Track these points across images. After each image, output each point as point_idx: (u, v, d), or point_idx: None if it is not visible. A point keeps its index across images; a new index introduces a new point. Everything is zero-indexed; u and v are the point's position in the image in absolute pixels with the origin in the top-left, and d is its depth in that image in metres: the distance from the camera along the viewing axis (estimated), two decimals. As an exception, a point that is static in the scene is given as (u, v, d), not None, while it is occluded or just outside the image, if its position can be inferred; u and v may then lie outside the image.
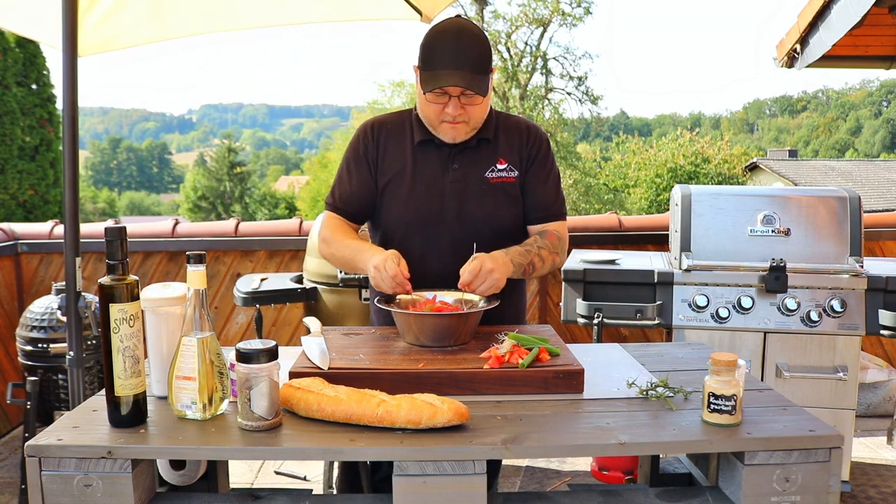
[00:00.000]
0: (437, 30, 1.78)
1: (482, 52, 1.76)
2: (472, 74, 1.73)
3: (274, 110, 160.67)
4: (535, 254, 1.84)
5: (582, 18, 24.22)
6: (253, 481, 3.07)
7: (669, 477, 1.64)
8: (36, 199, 10.03)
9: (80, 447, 1.20)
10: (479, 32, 1.79)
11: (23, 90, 9.78)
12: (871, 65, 4.13)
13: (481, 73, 1.75)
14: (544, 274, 1.94)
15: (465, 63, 1.72)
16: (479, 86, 1.74)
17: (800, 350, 2.68)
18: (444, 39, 1.75)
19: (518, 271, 1.80)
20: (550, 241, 1.89)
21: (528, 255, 1.82)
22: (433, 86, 1.73)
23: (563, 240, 1.94)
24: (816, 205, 2.73)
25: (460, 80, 1.71)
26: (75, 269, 2.33)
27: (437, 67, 1.74)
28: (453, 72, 1.72)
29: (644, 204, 23.02)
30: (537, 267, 1.85)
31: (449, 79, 1.72)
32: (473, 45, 1.74)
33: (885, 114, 58.31)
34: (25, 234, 3.87)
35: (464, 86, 1.71)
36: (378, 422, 1.25)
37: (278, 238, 3.86)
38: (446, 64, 1.73)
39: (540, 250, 1.85)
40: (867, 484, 2.96)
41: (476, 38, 1.76)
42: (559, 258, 1.93)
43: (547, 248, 1.87)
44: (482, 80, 1.75)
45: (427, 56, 1.77)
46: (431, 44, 1.76)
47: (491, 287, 1.68)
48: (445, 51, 1.73)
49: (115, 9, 2.76)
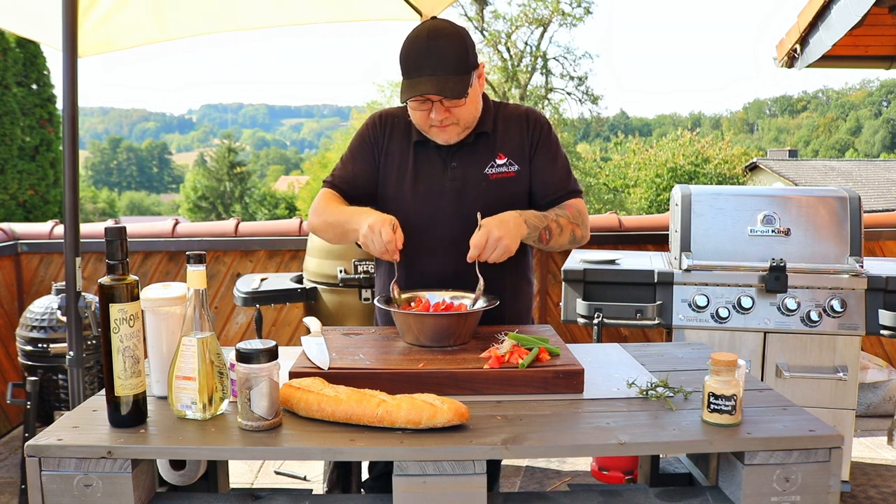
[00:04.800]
0: (411, 35, 1.74)
1: (458, 52, 1.71)
2: (447, 77, 1.69)
3: (274, 110, 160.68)
4: (552, 219, 1.78)
5: (582, 18, 24.25)
6: (253, 481, 3.07)
7: (669, 477, 1.64)
8: (36, 199, 10.02)
9: (80, 447, 1.20)
10: (455, 31, 1.73)
11: (23, 90, 9.78)
12: (871, 65, 4.13)
13: (459, 74, 1.70)
14: (565, 246, 1.86)
15: (439, 67, 1.68)
16: (455, 89, 1.69)
17: (800, 350, 2.68)
18: (417, 45, 1.71)
19: (533, 234, 1.74)
20: (569, 211, 1.84)
21: (544, 220, 1.76)
22: (408, 94, 1.70)
23: (584, 213, 1.88)
24: (816, 205, 2.73)
25: (432, 86, 1.67)
26: (75, 269, 2.34)
27: (412, 74, 1.71)
28: (427, 78, 1.68)
29: (644, 204, 23.01)
30: (554, 233, 1.79)
31: (421, 86, 1.68)
32: (448, 46, 1.70)
33: (885, 114, 58.31)
34: (25, 234, 3.87)
35: (435, 92, 1.67)
36: (378, 422, 1.25)
37: (278, 238, 3.86)
38: (420, 70, 1.69)
39: (558, 217, 1.80)
40: (867, 484, 2.96)
41: (450, 38, 1.71)
42: (580, 230, 1.86)
43: (566, 217, 1.82)
44: (459, 80, 1.70)
45: (403, 63, 1.73)
46: (406, 51, 1.73)
47: (503, 254, 1.64)
48: (419, 56, 1.70)
49: (116, 9, 2.77)
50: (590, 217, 1.95)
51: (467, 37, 1.76)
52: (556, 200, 1.88)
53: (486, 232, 1.63)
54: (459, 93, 1.70)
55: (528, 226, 1.72)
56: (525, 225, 1.71)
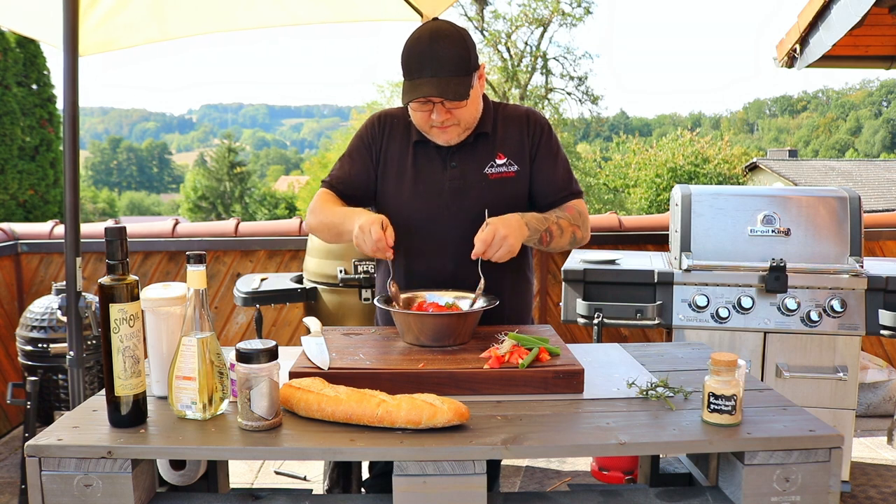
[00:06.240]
0: (413, 36, 1.74)
1: (460, 54, 1.71)
2: (449, 78, 1.69)
3: (274, 110, 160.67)
4: (553, 222, 1.80)
5: (582, 18, 24.26)
6: (253, 481, 3.07)
7: (669, 477, 1.64)
8: (36, 199, 10.03)
9: (80, 447, 1.20)
10: (456, 33, 1.74)
11: (23, 90, 9.78)
12: (871, 65, 4.13)
13: (460, 76, 1.71)
14: (565, 248, 1.89)
15: (440, 69, 1.69)
16: (457, 90, 1.69)
17: (800, 350, 2.68)
18: (419, 47, 1.71)
19: (534, 237, 1.76)
20: (570, 213, 1.85)
21: (545, 222, 1.78)
22: (410, 96, 1.71)
23: (584, 214, 1.90)
24: (816, 205, 2.73)
25: (434, 88, 1.68)
26: (75, 269, 2.34)
27: (414, 76, 1.71)
28: (429, 80, 1.69)
29: (644, 204, 23.01)
30: (555, 235, 1.80)
31: (423, 88, 1.68)
32: (449, 47, 1.70)
33: (885, 114, 58.30)
34: (25, 234, 3.87)
35: (437, 94, 1.68)
36: (378, 422, 1.25)
37: (278, 238, 3.86)
38: (422, 72, 1.69)
39: (559, 219, 1.81)
40: (867, 484, 2.96)
41: (452, 40, 1.71)
42: (580, 232, 1.88)
43: (566, 219, 1.83)
44: (461, 82, 1.70)
45: (404, 64, 1.73)
46: (408, 52, 1.73)
47: (507, 253, 1.65)
48: (420, 58, 1.70)
49: (116, 9, 2.77)
50: (590, 217, 1.96)
51: (469, 38, 1.77)
52: (557, 202, 1.89)
53: (492, 229, 1.64)
54: (461, 94, 1.70)
55: (529, 228, 1.73)
56: (526, 227, 1.72)
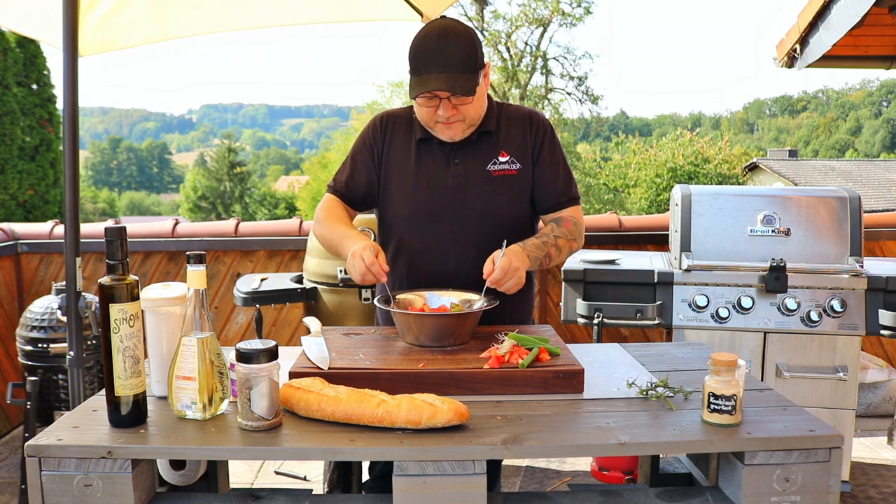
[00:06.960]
0: (421, 33, 1.77)
1: (468, 50, 1.74)
2: (457, 75, 1.72)
3: (274, 110, 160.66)
4: (551, 244, 1.83)
5: (582, 18, 24.26)
6: (253, 481, 3.07)
7: (669, 477, 1.64)
8: (36, 199, 10.02)
9: (80, 447, 1.20)
10: (464, 31, 1.77)
11: (23, 90, 9.78)
12: (871, 65, 4.13)
13: (468, 72, 1.73)
14: (562, 262, 1.94)
15: (448, 65, 1.71)
16: (465, 86, 1.72)
17: (800, 350, 2.68)
18: (428, 42, 1.74)
19: (535, 265, 1.80)
20: (567, 228, 1.89)
21: (544, 248, 1.82)
22: (417, 91, 1.73)
23: (580, 224, 1.94)
24: (816, 205, 2.73)
25: (443, 83, 1.70)
26: (75, 269, 2.34)
27: (422, 71, 1.73)
28: (437, 75, 1.71)
29: (644, 204, 23.01)
30: (554, 258, 1.85)
31: (432, 83, 1.71)
32: (458, 44, 1.73)
33: (885, 114, 58.30)
34: (25, 234, 3.87)
35: (446, 89, 1.70)
36: (378, 422, 1.25)
37: (278, 238, 3.86)
38: (430, 67, 1.72)
39: (557, 240, 1.85)
40: (867, 484, 2.96)
41: (460, 37, 1.74)
42: (576, 244, 1.93)
43: (564, 236, 1.87)
44: (468, 79, 1.73)
45: (413, 60, 1.76)
46: (416, 48, 1.76)
47: (516, 284, 1.69)
48: (429, 54, 1.72)
49: (116, 9, 2.77)
50: (590, 217, 1.99)
51: (476, 37, 1.79)
52: (555, 206, 1.93)
53: (509, 260, 1.67)
54: (468, 90, 1.73)
55: (530, 259, 1.77)
56: (528, 259, 1.76)
